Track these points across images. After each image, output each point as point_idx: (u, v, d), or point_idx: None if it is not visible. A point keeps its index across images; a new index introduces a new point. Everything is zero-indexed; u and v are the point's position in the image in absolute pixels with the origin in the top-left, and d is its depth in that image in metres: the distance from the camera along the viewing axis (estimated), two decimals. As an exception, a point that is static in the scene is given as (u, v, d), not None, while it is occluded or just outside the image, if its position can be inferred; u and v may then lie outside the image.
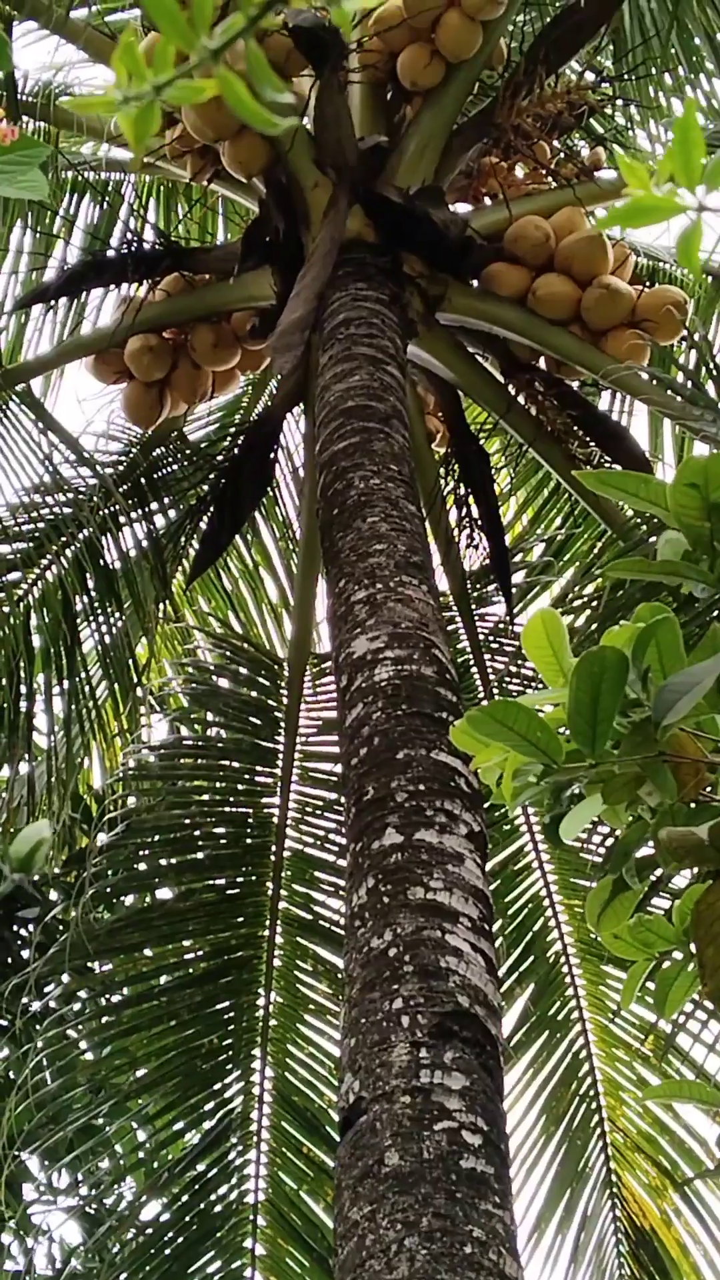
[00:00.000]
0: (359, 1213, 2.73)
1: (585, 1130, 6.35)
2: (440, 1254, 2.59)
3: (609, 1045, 6.43)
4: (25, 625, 6.65)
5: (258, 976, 6.06)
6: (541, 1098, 6.37)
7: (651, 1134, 6.26)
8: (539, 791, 2.08)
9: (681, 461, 2.47)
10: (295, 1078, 5.96)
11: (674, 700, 1.72)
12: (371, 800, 3.51)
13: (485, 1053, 3.03)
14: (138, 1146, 6.31)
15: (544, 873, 6.65)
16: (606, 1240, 6.29)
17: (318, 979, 6.09)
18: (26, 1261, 7.13)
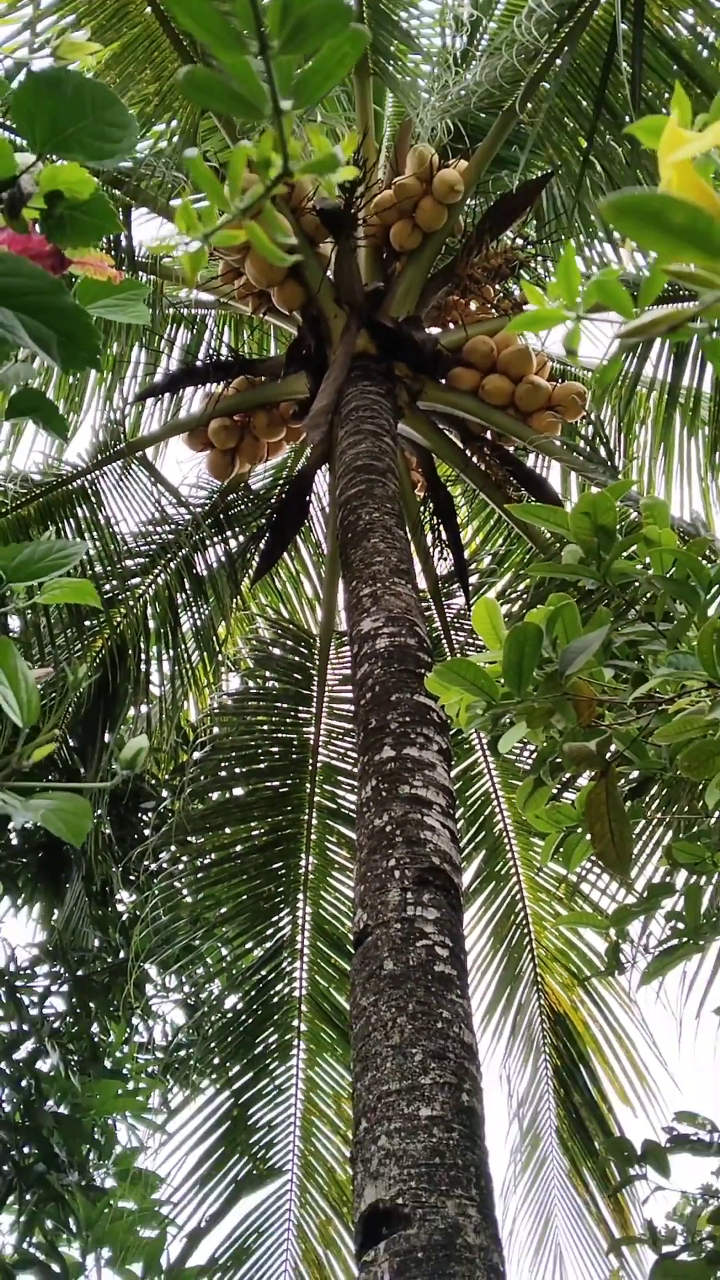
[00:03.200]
0: (366, 1001, 2.75)
1: (519, 947, 6.36)
2: (420, 1028, 2.61)
3: (535, 891, 6.44)
4: (144, 614, 6.67)
5: (300, 847, 6.07)
6: (490, 926, 6.39)
7: (564, 949, 6.27)
8: (483, 720, 2.08)
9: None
10: (325, 913, 5.97)
11: (573, 657, 1.73)
12: (374, 728, 3.51)
13: (450, 894, 3.04)
14: (221, 959, 6.32)
15: (491, 777, 6.66)
16: (534, 1021, 6.30)
17: (340, 848, 6.10)
18: (149, 1036, 7.18)
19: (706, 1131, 2.49)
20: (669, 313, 0.67)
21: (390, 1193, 2.34)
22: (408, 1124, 2.43)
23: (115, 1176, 5.90)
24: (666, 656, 1.63)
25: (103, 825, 6.93)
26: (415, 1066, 2.53)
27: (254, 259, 5.56)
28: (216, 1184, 5.33)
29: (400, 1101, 2.47)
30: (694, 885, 2.36)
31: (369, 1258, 2.31)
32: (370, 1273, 2.28)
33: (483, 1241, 2.29)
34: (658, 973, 2.35)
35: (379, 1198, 2.35)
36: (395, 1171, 2.36)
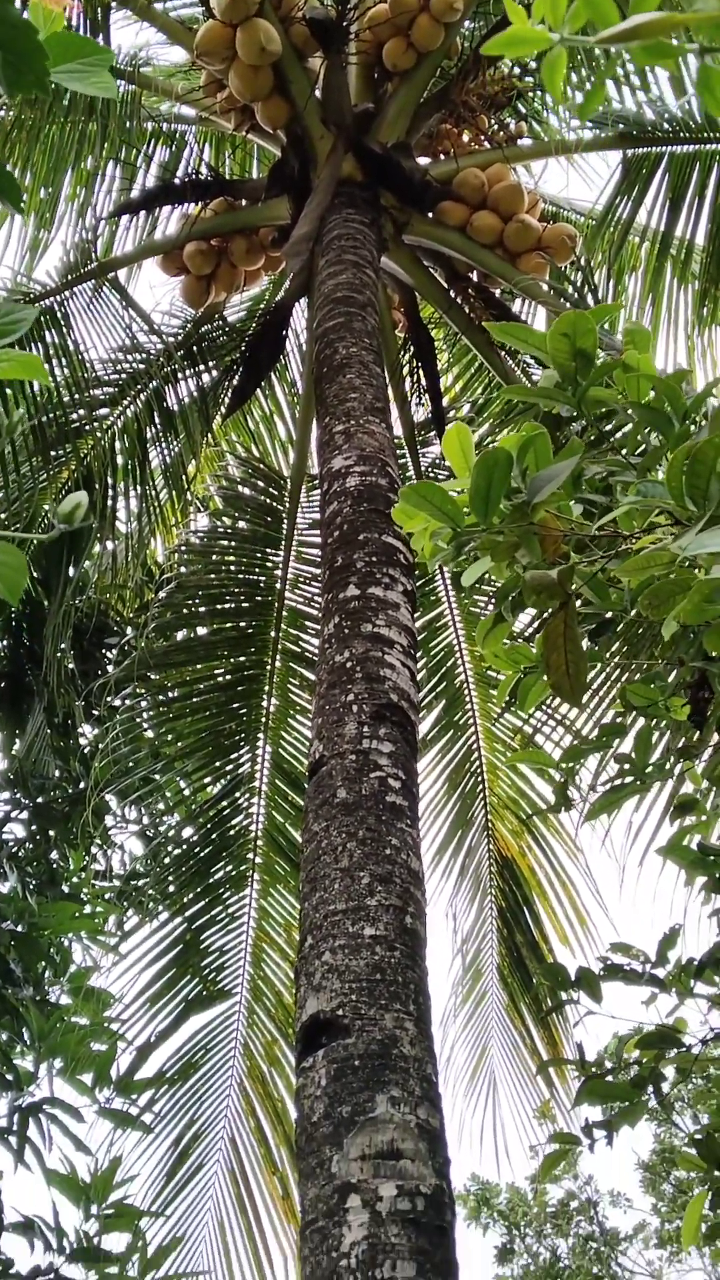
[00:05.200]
0: (319, 826, 2.80)
1: (472, 794, 6.52)
2: (369, 853, 2.67)
3: (491, 741, 6.56)
4: (111, 447, 6.54)
5: (262, 687, 6.11)
6: (446, 772, 6.52)
7: (515, 797, 6.43)
8: (448, 553, 2.06)
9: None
10: (285, 753, 6.06)
11: (542, 485, 1.70)
12: (340, 566, 3.50)
13: (406, 731, 3.08)
14: (180, 793, 6.42)
15: (455, 629, 6.70)
16: (482, 864, 6.50)
17: (303, 691, 6.15)
18: (107, 864, 7.35)
19: (639, 962, 2.60)
20: (658, 18, 0.62)
21: (331, 1005, 2.43)
22: (352, 942, 2.51)
23: (69, 994, 6.10)
24: (635, 487, 1.61)
25: (65, 659, 6.94)
26: (362, 889, 2.60)
27: (239, 70, 5.25)
28: (167, 1003, 5.54)
29: (346, 921, 2.55)
30: (645, 728, 2.40)
31: (308, 1064, 2.41)
32: (308, 1078, 2.38)
33: (418, 1053, 2.39)
34: (604, 809, 2.40)
35: (320, 1009, 2.44)
36: (337, 985, 2.45)
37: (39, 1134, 5.21)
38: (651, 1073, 2.68)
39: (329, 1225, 2.14)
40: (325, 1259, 2.11)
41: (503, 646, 2.48)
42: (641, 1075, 2.73)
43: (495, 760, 6.57)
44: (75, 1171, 5.05)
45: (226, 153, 7.04)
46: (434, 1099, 2.36)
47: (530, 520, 1.83)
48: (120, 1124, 5.33)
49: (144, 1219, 5.26)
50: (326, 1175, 2.20)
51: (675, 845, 2.66)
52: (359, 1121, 2.24)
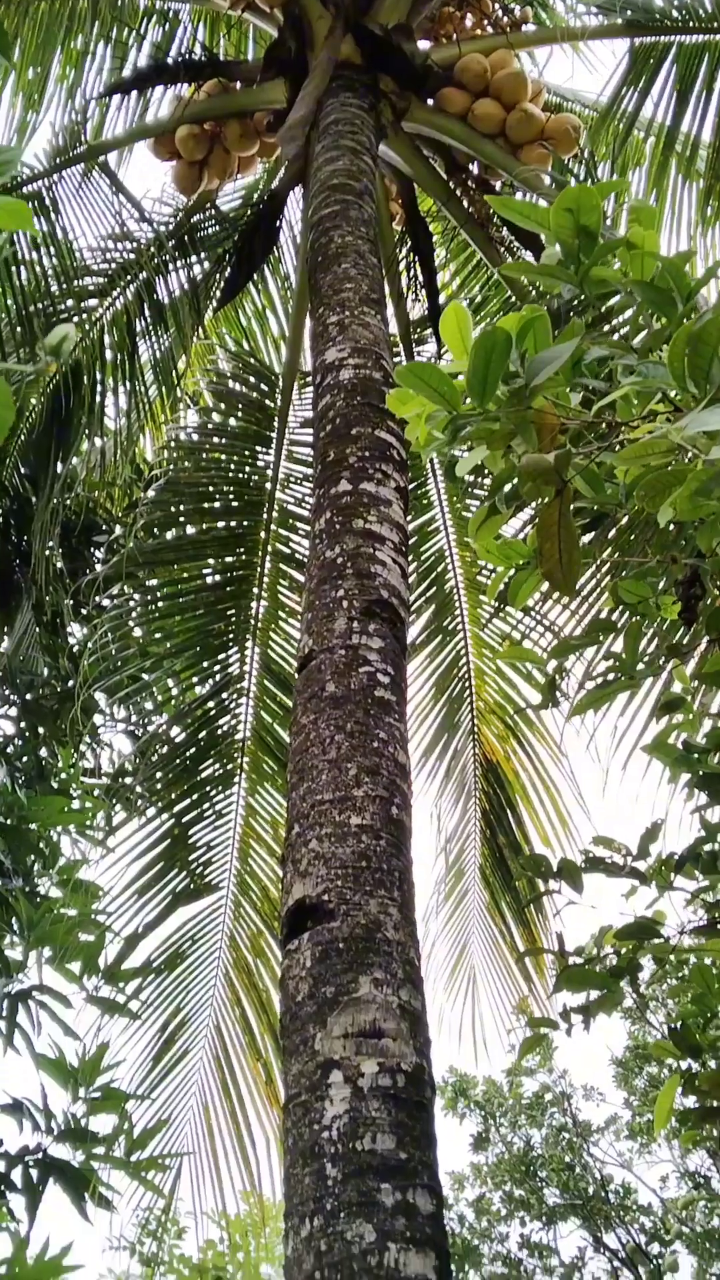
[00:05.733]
0: (307, 719, 2.82)
1: (460, 699, 6.55)
2: (357, 745, 2.69)
3: (480, 646, 6.58)
4: (100, 340, 6.42)
5: (251, 588, 6.09)
6: (434, 677, 6.55)
7: (501, 703, 6.47)
8: (442, 442, 2.04)
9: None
10: (274, 654, 6.07)
11: (541, 367, 1.67)
12: (332, 461, 3.46)
13: (396, 628, 3.08)
14: (168, 692, 6.44)
15: (447, 534, 6.67)
16: (467, 767, 6.57)
17: (292, 593, 6.13)
18: (95, 762, 7.42)
19: (621, 855, 2.64)
20: None
21: (317, 890, 2.47)
22: (338, 830, 2.54)
23: (58, 886, 6.20)
24: (636, 369, 1.58)
25: (54, 557, 6.90)
26: (349, 780, 2.62)
27: (234, -60, 5.04)
28: (154, 895, 5.63)
29: (333, 810, 2.58)
30: (635, 624, 2.40)
31: (293, 947, 2.46)
32: (294, 960, 2.43)
33: (401, 938, 2.44)
34: (591, 705, 2.41)
35: (306, 894, 2.48)
36: (323, 871, 2.48)
37: (28, 1020, 5.34)
38: (629, 963, 2.74)
39: (312, 1100, 2.21)
40: (308, 1131, 2.18)
41: (495, 542, 2.47)
42: (619, 966, 2.79)
43: (483, 666, 6.59)
44: (63, 1056, 5.19)
45: (221, 33, 6.78)
46: (416, 982, 2.41)
47: (528, 405, 1.80)
48: (107, 1011, 5.46)
49: (130, 1102, 5.43)
50: (310, 1052, 2.26)
51: (660, 743, 2.68)
52: (342, 1001, 2.29)
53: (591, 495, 2.19)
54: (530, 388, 1.69)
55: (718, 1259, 10.59)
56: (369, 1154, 2.09)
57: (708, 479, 1.49)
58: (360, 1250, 1.99)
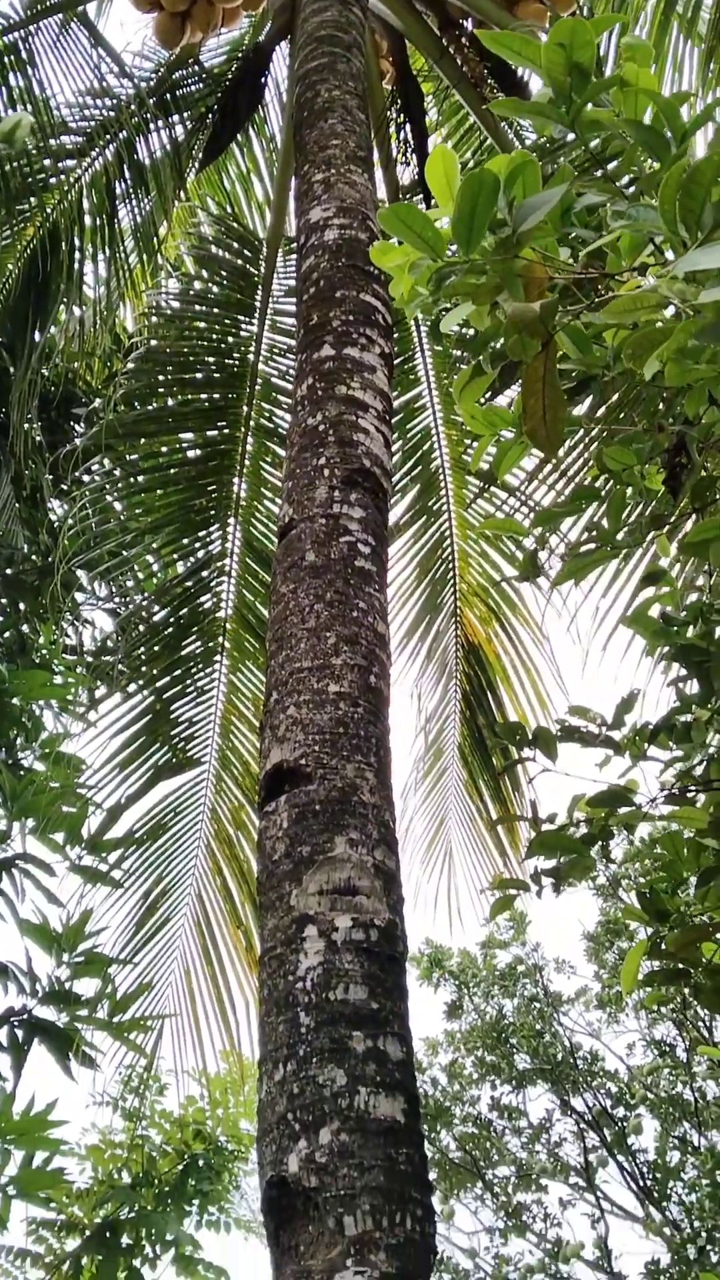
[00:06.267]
0: (287, 588, 2.80)
1: (443, 580, 6.55)
2: (336, 614, 2.68)
3: (464, 528, 6.54)
4: (79, 203, 6.22)
5: (233, 464, 6.01)
6: (418, 558, 6.53)
7: (484, 585, 6.47)
8: (427, 298, 1.98)
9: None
10: (256, 532, 6.03)
11: (529, 213, 1.61)
12: (315, 325, 3.37)
13: (378, 499, 3.05)
14: (149, 569, 6.41)
15: (433, 411, 6.58)
16: (449, 649, 6.60)
17: (275, 469, 6.06)
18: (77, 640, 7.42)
19: (596, 725, 2.66)
20: None
21: (294, 755, 2.49)
22: (316, 697, 2.55)
23: (41, 759, 6.26)
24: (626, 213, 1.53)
25: (33, 431, 6.79)
26: (328, 648, 2.62)
27: None
28: (137, 769, 5.69)
29: (311, 678, 2.58)
30: (619, 491, 2.38)
31: (270, 809, 2.49)
32: (271, 821, 2.47)
33: (377, 801, 2.47)
34: (573, 574, 2.41)
35: (284, 758, 2.51)
36: (301, 737, 2.50)
37: (12, 887, 5.44)
38: (601, 830, 2.79)
39: (286, 952, 2.26)
40: (282, 982, 2.23)
41: (479, 407, 2.43)
42: (591, 833, 2.84)
43: (467, 548, 6.57)
44: (47, 922, 5.31)
45: None
46: (390, 843, 2.45)
47: (515, 255, 1.74)
48: (90, 880, 5.57)
49: (113, 966, 5.58)
50: (285, 908, 2.30)
51: (640, 615, 2.68)
52: (318, 860, 2.33)
53: (578, 357, 2.15)
54: (518, 235, 1.63)
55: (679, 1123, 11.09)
56: (341, 1003, 2.15)
57: (696, 331, 1.46)
58: (331, 1093, 2.06)
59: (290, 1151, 2.03)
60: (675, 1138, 11.03)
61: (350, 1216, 1.93)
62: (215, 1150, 6.19)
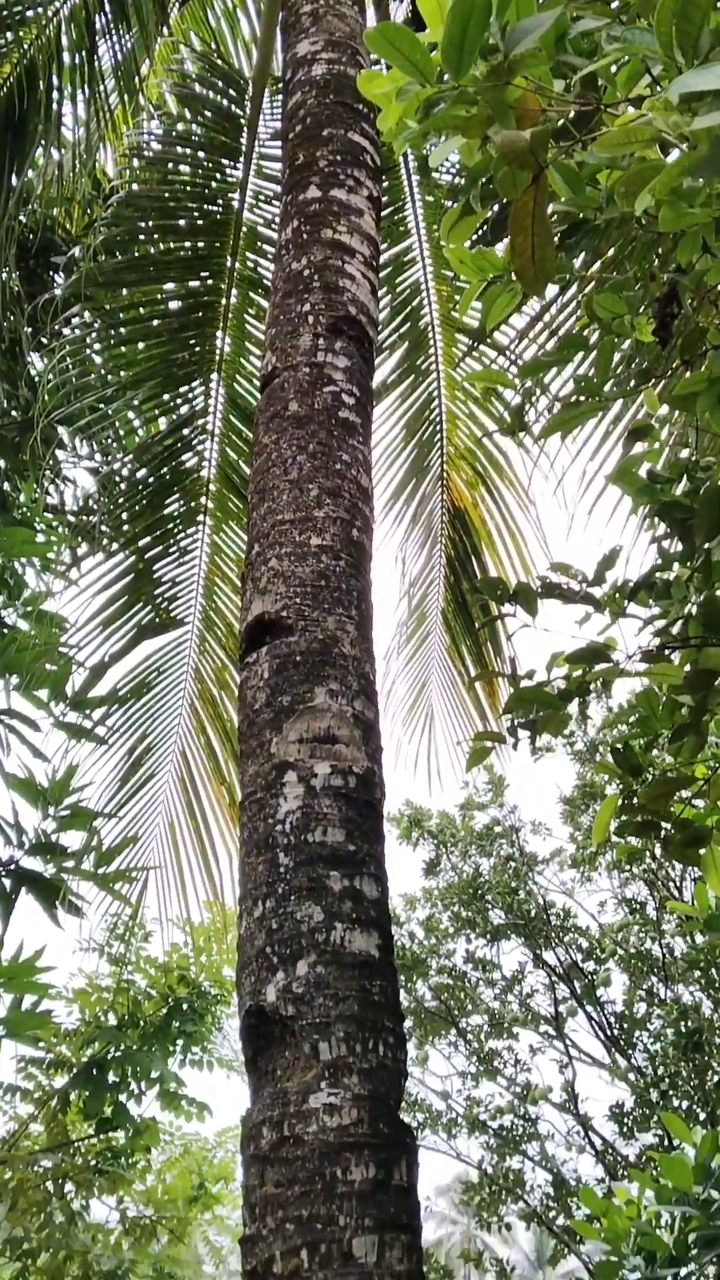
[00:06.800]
0: (269, 439, 2.77)
1: (430, 443, 6.48)
2: (319, 466, 2.66)
3: (452, 388, 6.44)
4: (57, 39, 5.94)
5: (216, 317, 5.86)
6: (405, 419, 6.44)
7: (472, 448, 6.41)
8: (415, 132, 1.91)
9: None
10: (240, 388, 5.92)
11: (522, 36, 1.55)
12: (301, 165, 3.26)
13: (364, 348, 2.99)
14: (131, 426, 6.31)
15: (424, 265, 6.40)
16: (435, 513, 6.57)
17: (259, 322, 5.92)
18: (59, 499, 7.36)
19: (578, 582, 2.68)
20: None
21: (275, 606, 2.50)
22: (298, 550, 2.55)
23: (23, 618, 6.27)
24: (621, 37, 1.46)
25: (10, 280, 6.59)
26: (310, 500, 2.61)
27: None
28: (120, 628, 5.71)
29: (293, 530, 2.58)
30: (608, 340, 2.34)
31: (251, 660, 2.51)
32: (252, 671, 2.49)
33: (357, 654, 2.50)
34: (561, 426, 2.38)
35: (265, 610, 2.52)
36: (282, 589, 2.51)
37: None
38: (578, 686, 2.83)
39: (266, 797, 2.31)
40: (262, 825, 2.29)
41: (468, 251, 2.37)
42: (568, 690, 2.88)
43: (455, 410, 6.48)
44: (33, 776, 5.40)
45: None
46: (370, 694, 2.49)
47: (507, 82, 1.68)
48: (75, 736, 5.65)
49: (99, 820, 5.70)
50: (266, 755, 2.35)
51: (625, 472, 2.67)
52: (298, 709, 2.37)
53: (570, 197, 2.09)
54: (510, 60, 1.57)
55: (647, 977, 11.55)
56: (319, 845, 2.22)
57: (690, 165, 1.41)
58: (309, 928, 2.14)
59: (268, 983, 2.11)
60: (643, 991, 11.51)
61: (325, 1043, 2.03)
62: (198, 994, 6.45)
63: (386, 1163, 1.95)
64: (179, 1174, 6.95)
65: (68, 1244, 5.92)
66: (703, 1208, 4.59)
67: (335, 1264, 1.84)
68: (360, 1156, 1.92)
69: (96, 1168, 5.97)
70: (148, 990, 6.47)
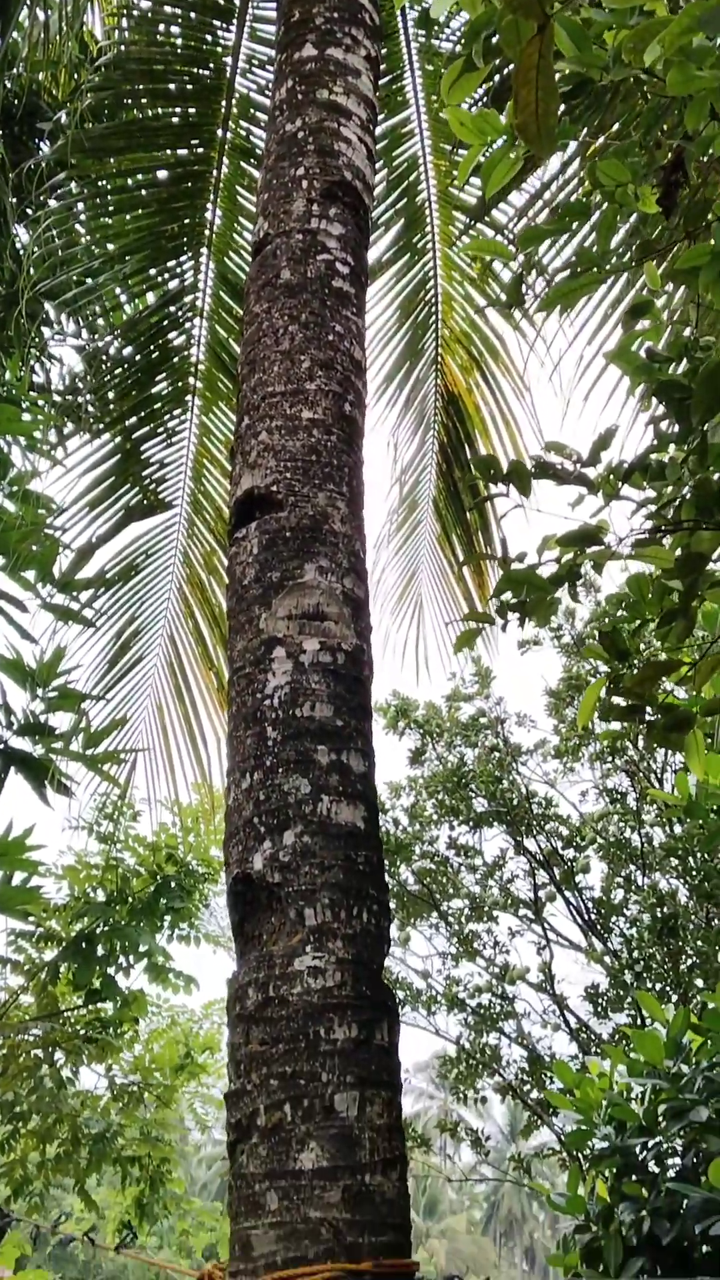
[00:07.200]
0: (260, 308, 2.71)
1: (425, 325, 6.36)
2: (311, 337, 2.61)
3: (449, 269, 6.30)
4: None
5: (207, 188, 5.69)
6: (399, 300, 6.31)
7: (467, 331, 6.29)
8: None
9: None
10: (231, 263, 5.78)
11: None
12: (296, 21, 3.13)
13: (359, 215, 2.91)
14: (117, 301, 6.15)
15: (422, 139, 6.19)
16: (428, 398, 6.49)
17: (251, 194, 5.74)
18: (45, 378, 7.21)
19: (572, 462, 2.65)
20: None
21: (265, 481, 2.48)
22: (289, 423, 2.51)
23: (9, 498, 6.20)
24: None
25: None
26: (302, 373, 2.56)
27: None
28: (107, 509, 5.67)
29: (284, 403, 2.54)
30: (611, 208, 2.27)
31: (240, 535, 2.50)
32: (241, 547, 2.48)
33: (347, 531, 2.48)
34: (561, 298, 2.33)
35: (254, 485, 2.49)
36: (272, 464, 2.48)
37: (-16, 622, 5.50)
38: (569, 570, 2.82)
39: (255, 672, 2.32)
40: (250, 699, 2.31)
41: (468, 112, 2.29)
42: (559, 574, 2.88)
43: (451, 291, 6.35)
44: (20, 657, 5.40)
45: None
46: (360, 572, 2.48)
47: None
48: (62, 618, 5.63)
49: (87, 702, 5.72)
50: (254, 630, 2.35)
51: (623, 350, 2.62)
52: (287, 586, 2.36)
53: (575, 55, 2.01)
54: None
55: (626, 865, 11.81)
56: (307, 720, 2.23)
57: (701, 13, 1.36)
58: (296, 800, 2.17)
59: (255, 851, 2.15)
60: (620, 878, 11.78)
61: (310, 909, 2.07)
62: (186, 873, 6.58)
63: (368, 1023, 2.01)
64: (166, 1044, 7.19)
65: (57, 1108, 6.14)
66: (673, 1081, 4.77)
67: (318, 1117, 1.90)
68: (343, 1017, 1.98)
69: (85, 1036, 6.16)
70: (136, 868, 6.60)
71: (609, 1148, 4.90)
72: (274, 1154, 1.89)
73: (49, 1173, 6.52)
